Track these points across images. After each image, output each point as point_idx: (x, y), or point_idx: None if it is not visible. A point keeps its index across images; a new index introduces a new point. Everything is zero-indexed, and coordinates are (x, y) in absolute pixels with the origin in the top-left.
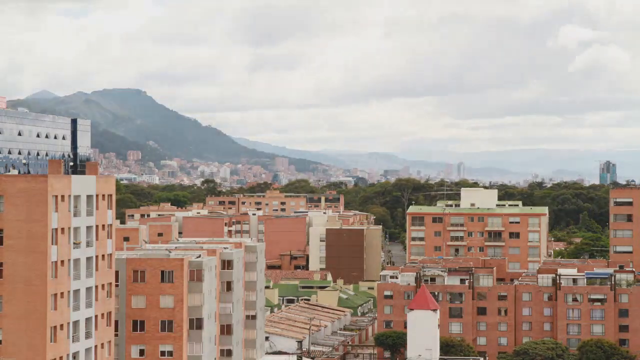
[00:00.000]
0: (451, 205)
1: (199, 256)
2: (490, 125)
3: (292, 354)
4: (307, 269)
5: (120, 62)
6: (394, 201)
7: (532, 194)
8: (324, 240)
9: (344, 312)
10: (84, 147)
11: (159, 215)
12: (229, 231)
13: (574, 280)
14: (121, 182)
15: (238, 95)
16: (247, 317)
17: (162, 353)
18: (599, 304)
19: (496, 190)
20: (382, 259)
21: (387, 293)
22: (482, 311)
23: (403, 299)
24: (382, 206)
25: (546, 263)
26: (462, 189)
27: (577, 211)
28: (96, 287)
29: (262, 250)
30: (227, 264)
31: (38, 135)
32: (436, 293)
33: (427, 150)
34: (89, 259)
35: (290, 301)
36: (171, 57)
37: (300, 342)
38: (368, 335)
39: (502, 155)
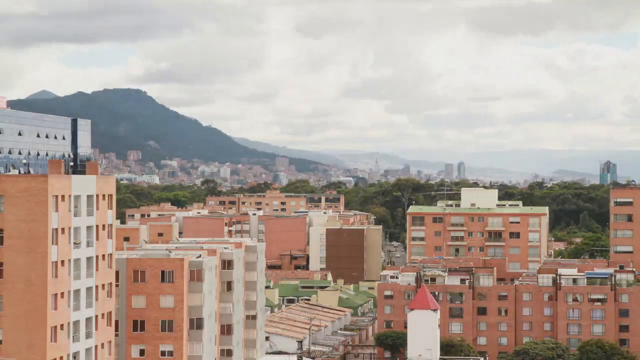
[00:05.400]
0: (451, 205)
1: (199, 256)
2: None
3: (292, 354)
4: (307, 269)
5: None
6: (394, 201)
7: (532, 194)
8: (324, 240)
9: (344, 312)
10: (84, 147)
11: (159, 215)
12: (229, 231)
13: (574, 280)
14: (121, 182)
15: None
16: (247, 317)
17: (163, 353)
18: (599, 304)
19: (496, 190)
20: (382, 259)
21: (387, 293)
22: (482, 311)
23: (403, 299)
24: (382, 206)
25: (546, 263)
26: (462, 189)
27: (577, 211)
28: (96, 287)
29: (262, 250)
30: (227, 264)
31: (38, 135)
32: (436, 293)
33: (427, 150)
34: (89, 259)
35: (291, 301)
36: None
37: (300, 342)
38: (368, 335)
39: (502, 155)
